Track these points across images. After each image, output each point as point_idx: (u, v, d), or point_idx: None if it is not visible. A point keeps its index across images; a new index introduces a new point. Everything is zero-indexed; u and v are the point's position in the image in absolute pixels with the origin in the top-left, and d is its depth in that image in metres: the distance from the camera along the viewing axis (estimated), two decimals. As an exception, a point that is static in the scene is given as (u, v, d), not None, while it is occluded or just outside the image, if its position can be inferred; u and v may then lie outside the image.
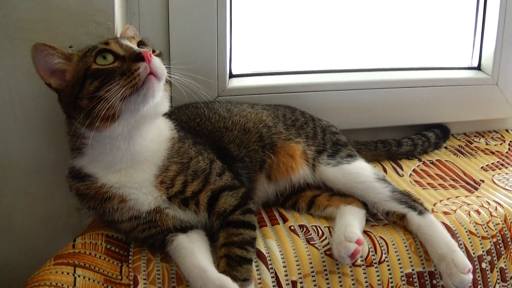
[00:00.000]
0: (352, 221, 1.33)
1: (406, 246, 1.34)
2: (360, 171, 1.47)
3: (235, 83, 1.77)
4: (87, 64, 1.15)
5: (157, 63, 1.14)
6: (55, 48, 1.18)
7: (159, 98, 1.17)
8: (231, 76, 1.79)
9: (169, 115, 1.37)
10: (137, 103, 1.12)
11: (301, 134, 1.53)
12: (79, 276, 1.16)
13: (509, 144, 2.03)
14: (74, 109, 1.17)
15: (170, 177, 1.25)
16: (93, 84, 1.12)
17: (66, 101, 1.19)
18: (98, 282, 1.17)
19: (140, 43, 1.25)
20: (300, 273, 1.26)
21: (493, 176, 1.73)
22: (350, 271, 1.29)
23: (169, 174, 1.25)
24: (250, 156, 1.44)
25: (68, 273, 1.15)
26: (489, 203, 1.51)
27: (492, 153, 1.94)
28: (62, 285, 1.12)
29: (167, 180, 1.24)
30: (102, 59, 1.14)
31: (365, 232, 1.36)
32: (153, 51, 1.22)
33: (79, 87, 1.14)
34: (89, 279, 1.16)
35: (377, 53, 2.00)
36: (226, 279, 1.11)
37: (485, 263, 1.39)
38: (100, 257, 1.24)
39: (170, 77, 1.21)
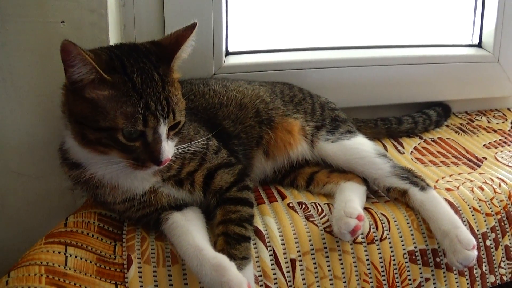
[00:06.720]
0: (352, 196, 1.31)
1: (408, 223, 1.32)
2: (360, 146, 1.45)
3: (232, 60, 1.74)
4: (114, 125, 1.04)
5: (167, 163, 1.12)
6: (95, 66, 1.02)
7: None
8: (228, 53, 1.76)
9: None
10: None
11: (299, 110, 1.50)
12: (70, 255, 1.13)
13: (511, 123, 2.00)
14: (74, 120, 1.11)
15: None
16: (106, 141, 1.06)
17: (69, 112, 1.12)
18: (91, 262, 1.14)
19: (174, 127, 1.14)
20: (299, 251, 1.24)
21: (496, 153, 1.71)
22: (351, 249, 1.27)
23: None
24: (246, 132, 1.42)
25: (59, 252, 1.13)
26: (492, 180, 1.49)
27: (494, 131, 1.92)
28: (53, 264, 1.10)
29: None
30: (129, 133, 1.06)
31: (365, 209, 1.33)
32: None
33: (93, 127, 1.06)
34: (81, 258, 1.14)
35: (376, 30, 1.97)
36: (222, 258, 1.08)
37: (490, 240, 1.37)
38: (92, 235, 1.21)
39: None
